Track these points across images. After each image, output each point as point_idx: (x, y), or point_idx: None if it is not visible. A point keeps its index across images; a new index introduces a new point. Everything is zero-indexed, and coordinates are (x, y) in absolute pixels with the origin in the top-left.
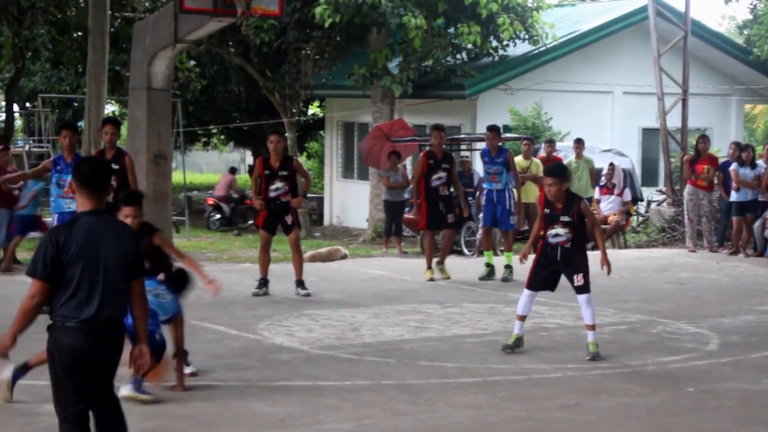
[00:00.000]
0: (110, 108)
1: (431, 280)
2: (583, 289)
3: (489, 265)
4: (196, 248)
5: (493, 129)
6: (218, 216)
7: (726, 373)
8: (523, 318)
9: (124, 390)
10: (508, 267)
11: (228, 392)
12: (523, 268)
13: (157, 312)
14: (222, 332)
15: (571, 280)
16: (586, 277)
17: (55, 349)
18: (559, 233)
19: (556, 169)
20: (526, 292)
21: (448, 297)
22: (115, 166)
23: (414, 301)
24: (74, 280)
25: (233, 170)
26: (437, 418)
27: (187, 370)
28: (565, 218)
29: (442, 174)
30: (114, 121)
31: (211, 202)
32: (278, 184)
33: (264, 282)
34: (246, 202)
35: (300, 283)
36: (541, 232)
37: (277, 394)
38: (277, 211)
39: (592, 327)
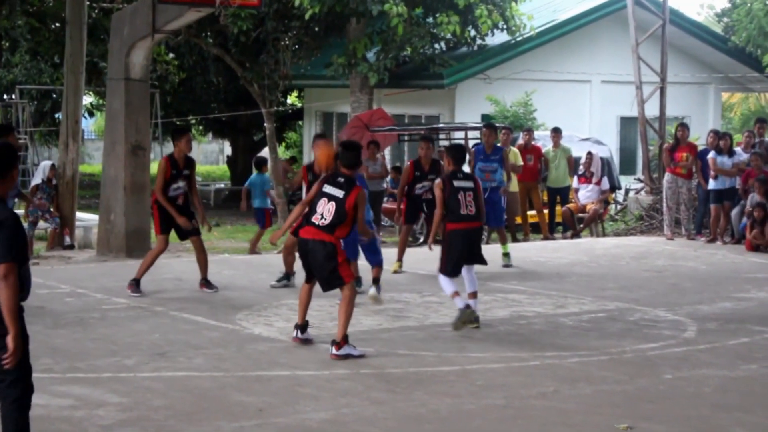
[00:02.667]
0: (88, 99)
1: (397, 272)
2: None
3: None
4: (173, 239)
5: (490, 126)
6: None
7: (703, 360)
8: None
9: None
10: (506, 255)
11: (206, 382)
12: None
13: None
14: (200, 323)
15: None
16: None
17: None
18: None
19: None
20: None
21: (427, 286)
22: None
23: (393, 291)
24: None
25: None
26: (415, 407)
27: None
28: None
29: (427, 183)
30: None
31: None
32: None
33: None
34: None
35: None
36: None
37: (255, 384)
38: None
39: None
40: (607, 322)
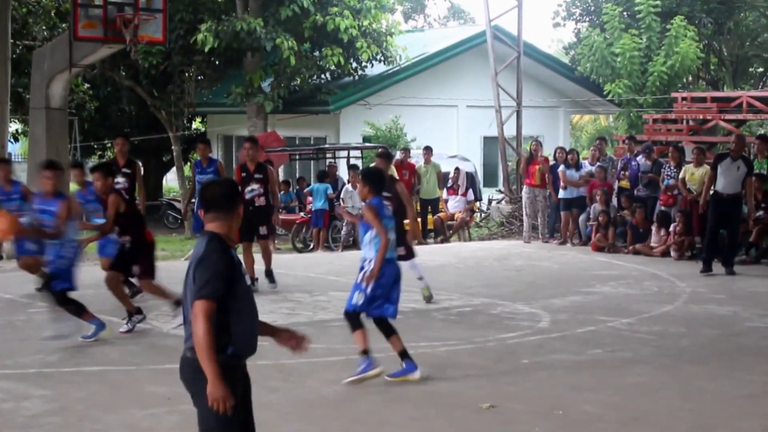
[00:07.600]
0: (14, 126)
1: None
2: None
3: None
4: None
5: (203, 141)
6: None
7: (556, 347)
8: None
9: None
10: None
11: (120, 375)
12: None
13: None
14: (116, 322)
15: None
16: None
17: None
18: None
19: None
20: None
21: (316, 287)
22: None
23: (286, 291)
24: None
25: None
26: (307, 393)
27: None
28: None
29: (255, 186)
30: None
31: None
32: (253, 186)
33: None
34: None
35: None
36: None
37: (164, 376)
38: (252, 216)
39: None
40: (473, 315)
